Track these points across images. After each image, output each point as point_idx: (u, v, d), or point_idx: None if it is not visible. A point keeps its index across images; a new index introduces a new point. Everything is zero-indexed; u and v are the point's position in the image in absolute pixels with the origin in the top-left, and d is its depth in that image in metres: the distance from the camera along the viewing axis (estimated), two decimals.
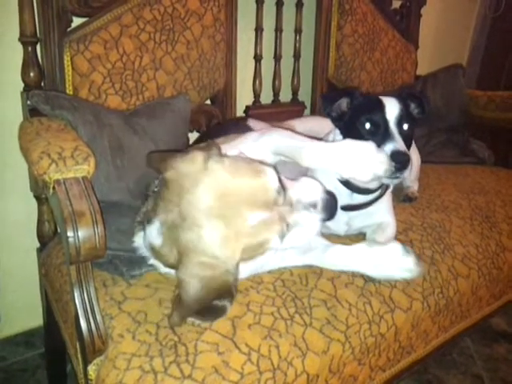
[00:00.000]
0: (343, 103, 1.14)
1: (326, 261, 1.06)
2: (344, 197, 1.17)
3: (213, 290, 0.81)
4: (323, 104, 1.17)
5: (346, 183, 1.15)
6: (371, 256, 1.03)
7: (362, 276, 1.07)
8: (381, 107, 1.08)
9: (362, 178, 0.94)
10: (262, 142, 1.04)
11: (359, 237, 1.22)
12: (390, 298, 1.06)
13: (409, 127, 1.10)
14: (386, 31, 2.00)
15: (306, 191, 0.91)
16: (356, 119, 1.10)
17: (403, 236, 1.26)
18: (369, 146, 0.95)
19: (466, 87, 2.09)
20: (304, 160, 0.97)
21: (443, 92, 2.01)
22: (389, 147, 1.03)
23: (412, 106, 1.16)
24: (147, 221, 0.90)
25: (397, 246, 1.02)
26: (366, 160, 0.93)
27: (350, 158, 0.94)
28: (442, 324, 1.19)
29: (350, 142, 0.97)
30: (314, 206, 0.90)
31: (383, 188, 1.18)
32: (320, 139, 1.15)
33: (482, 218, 1.44)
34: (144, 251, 0.96)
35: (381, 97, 1.13)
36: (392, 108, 1.08)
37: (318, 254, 1.07)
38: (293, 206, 0.88)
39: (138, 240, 0.97)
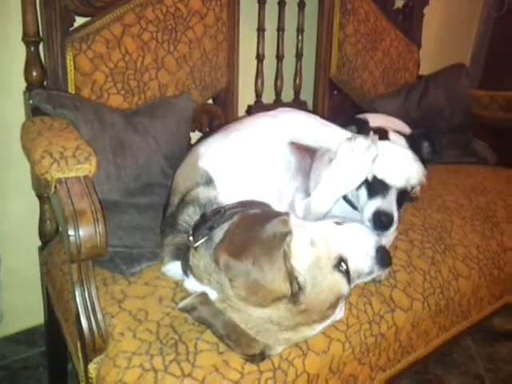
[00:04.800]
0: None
1: None
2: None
3: None
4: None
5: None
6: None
7: None
8: None
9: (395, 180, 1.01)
10: (283, 119, 1.03)
11: None
12: (390, 297, 1.06)
13: None
14: (388, 31, 1.99)
15: (362, 259, 0.88)
16: None
17: (404, 236, 1.26)
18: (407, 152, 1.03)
19: (469, 87, 2.08)
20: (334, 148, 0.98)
21: (446, 92, 2.00)
22: (374, 204, 1.02)
23: (425, 145, 1.14)
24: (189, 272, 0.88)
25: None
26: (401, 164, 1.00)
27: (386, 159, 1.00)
28: (442, 324, 1.19)
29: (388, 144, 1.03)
30: (371, 273, 0.90)
31: None
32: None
33: (483, 219, 1.44)
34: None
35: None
36: None
37: None
38: (353, 281, 0.87)
39: (170, 268, 0.96)
